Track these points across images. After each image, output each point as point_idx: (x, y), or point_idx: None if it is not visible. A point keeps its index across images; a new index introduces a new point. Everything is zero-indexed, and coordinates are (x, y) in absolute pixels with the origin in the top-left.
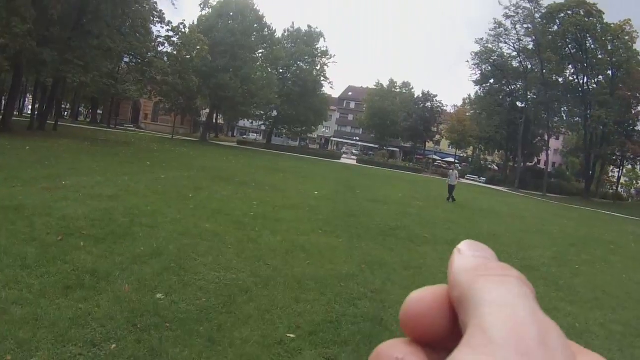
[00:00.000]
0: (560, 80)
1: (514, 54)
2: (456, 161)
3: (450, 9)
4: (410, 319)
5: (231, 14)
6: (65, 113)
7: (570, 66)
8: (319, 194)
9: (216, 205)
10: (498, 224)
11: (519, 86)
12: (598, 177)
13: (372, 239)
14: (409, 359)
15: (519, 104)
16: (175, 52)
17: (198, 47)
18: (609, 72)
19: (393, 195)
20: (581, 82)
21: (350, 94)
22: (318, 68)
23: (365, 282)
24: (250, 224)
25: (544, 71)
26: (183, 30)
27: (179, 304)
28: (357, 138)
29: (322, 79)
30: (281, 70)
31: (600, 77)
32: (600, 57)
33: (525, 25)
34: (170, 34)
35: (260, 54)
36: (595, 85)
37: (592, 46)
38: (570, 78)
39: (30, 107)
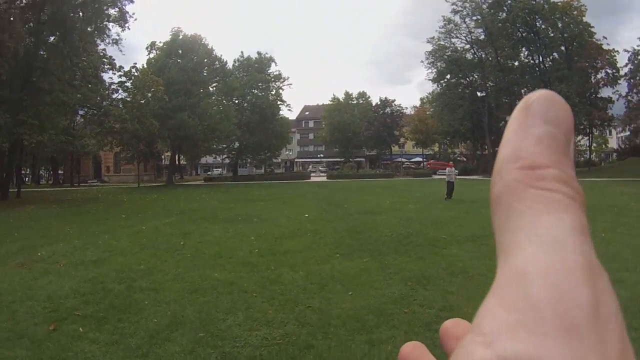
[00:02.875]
0: (516, 64)
1: (467, 46)
2: (450, 162)
3: (396, 18)
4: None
5: (180, 51)
6: (26, 178)
7: (523, 49)
8: (310, 217)
9: (213, 248)
10: None
11: (476, 77)
12: None
13: (395, 251)
14: None
15: (479, 93)
16: (129, 98)
17: (153, 89)
18: (562, 48)
19: (382, 203)
20: (537, 62)
21: (307, 113)
22: (273, 93)
23: (427, 301)
24: (262, 263)
25: (499, 58)
26: (135, 73)
27: None
28: (321, 155)
29: (279, 102)
30: (237, 101)
31: (555, 54)
32: (551, 35)
33: (474, 18)
34: (123, 79)
35: (214, 88)
36: (551, 63)
37: (543, 26)
38: (526, 60)
39: None
